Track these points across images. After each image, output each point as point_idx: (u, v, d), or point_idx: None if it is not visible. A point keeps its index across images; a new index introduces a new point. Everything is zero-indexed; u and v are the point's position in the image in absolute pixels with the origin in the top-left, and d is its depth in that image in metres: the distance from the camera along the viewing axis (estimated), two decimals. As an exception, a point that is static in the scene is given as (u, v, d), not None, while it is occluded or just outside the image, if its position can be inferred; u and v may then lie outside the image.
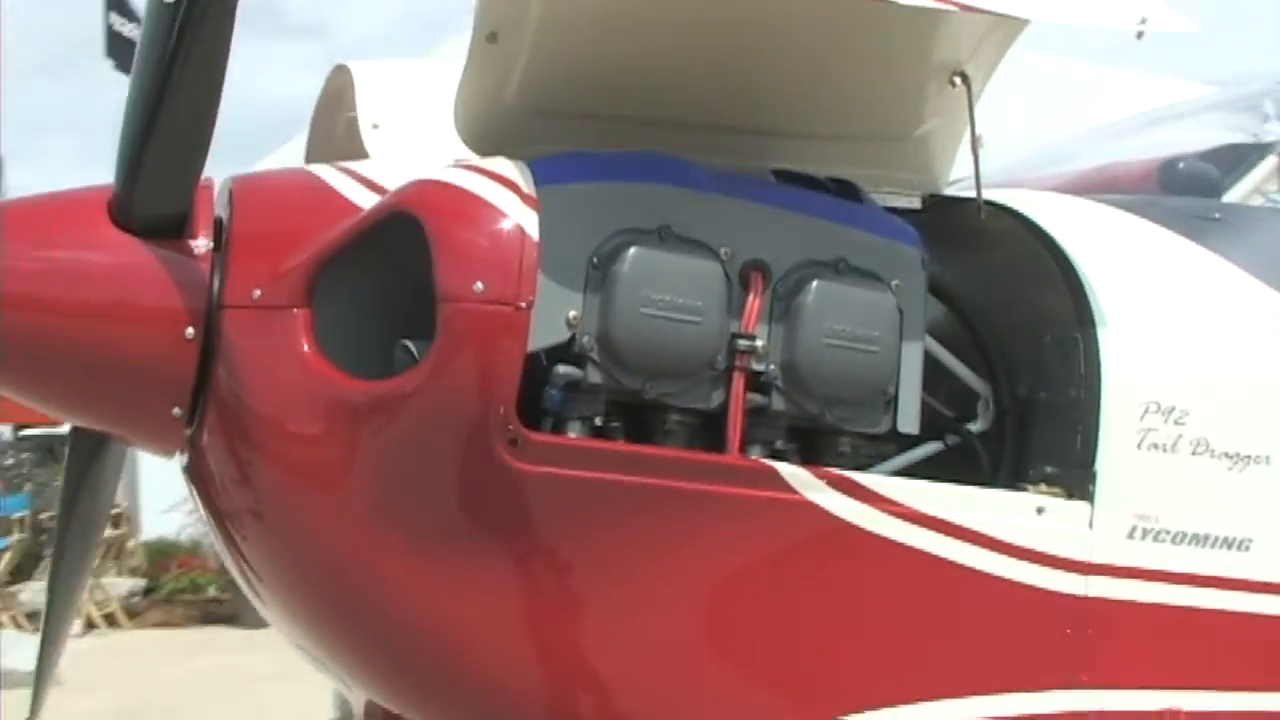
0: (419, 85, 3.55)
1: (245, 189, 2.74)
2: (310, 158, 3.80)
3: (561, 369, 2.52)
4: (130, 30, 13.27)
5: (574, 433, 2.55)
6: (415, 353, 2.51)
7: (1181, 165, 3.90)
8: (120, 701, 9.76)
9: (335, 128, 3.69)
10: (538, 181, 2.56)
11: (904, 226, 2.82)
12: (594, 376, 2.53)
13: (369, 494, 2.56)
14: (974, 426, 2.99)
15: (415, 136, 3.33)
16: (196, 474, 2.74)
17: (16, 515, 13.38)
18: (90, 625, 13.08)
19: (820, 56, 2.95)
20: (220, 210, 2.70)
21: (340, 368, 2.57)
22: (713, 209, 2.64)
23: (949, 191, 3.32)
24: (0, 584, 13.06)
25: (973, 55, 3.00)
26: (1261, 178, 4.49)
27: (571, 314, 2.51)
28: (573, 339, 2.52)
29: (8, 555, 13.09)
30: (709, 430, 2.62)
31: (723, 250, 2.60)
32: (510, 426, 2.45)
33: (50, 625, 3.29)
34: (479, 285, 2.43)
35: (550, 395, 2.53)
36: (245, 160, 4.17)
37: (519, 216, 2.49)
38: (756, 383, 2.62)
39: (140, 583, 14.06)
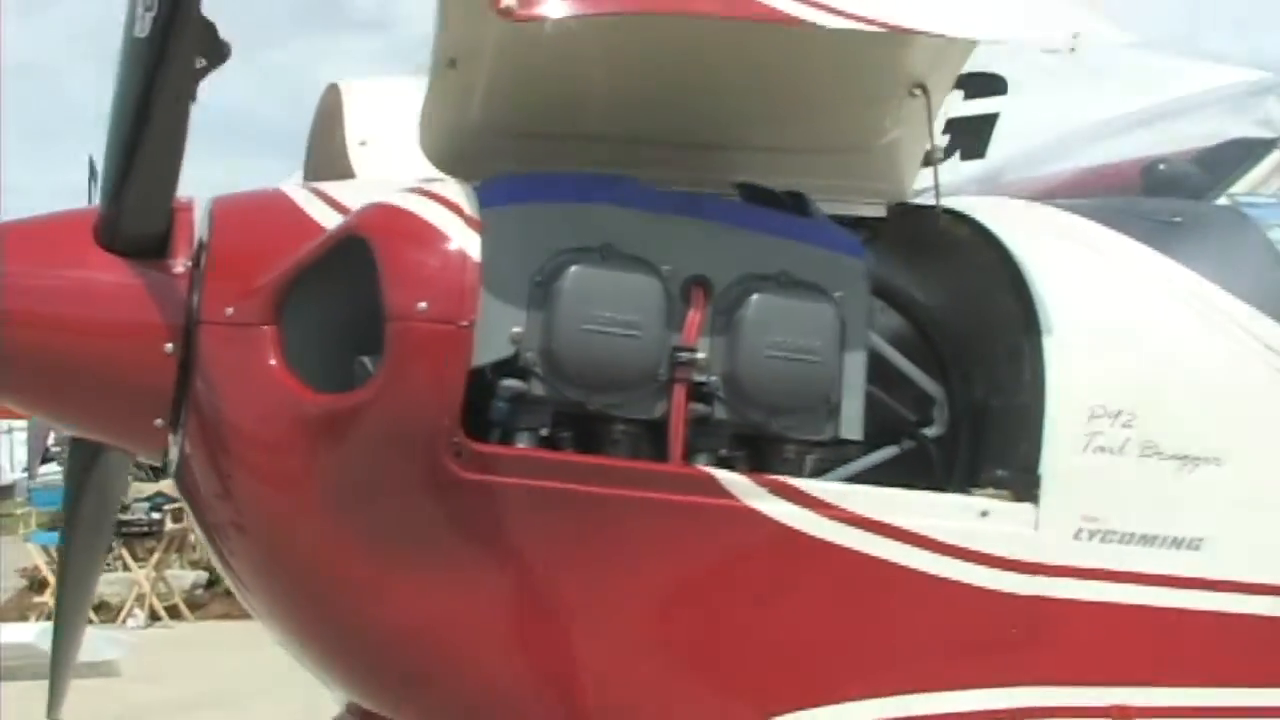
0: (406, 103, 3.68)
1: (223, 210, 2.89)
2: (309, 175, 3.96)
3: (507, 383, 2.64)
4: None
5: (522, 444, 2.67)
6: (370, 368, 2.65)
7: (1163, 166, 3.94)
8: (180, 693, 10.02)
9: (331, 145, 3.83)
10: (483, 204, 2.68)
11: (849, 239, 2.91)
12: (538, 390, 2.64)
13: (331, 502, 2.70)
14: (930, 431, 3.07)
15: (401, 154, 3.46)
16: (182, 482, 2.90)
17: (83, 510, 13.71)
18: (154, 617, 13.45)
19: (781, 71, 3.04)
20: (201, 230, 2.85)
21: (304, 382, 2.71)
22: (654, 227, 2.74)
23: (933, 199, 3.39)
24: (70, 576, 13.42)
25: (931, 67, 3.08)
26: (1265, 174, 4.51)
27: (515, 330, 2.63)
28: (517, 354, 2.64)
29: (74, 549, 13.43)
30: (655, 440, 2.72)
31: (664, 267, 2.71)
32: (455, 438, 2.58)
33: (61, 632, 3.47)
34: (423, 305, 2.56)
35: (497, 408, 2.65)
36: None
37: (462, 239, 2.62)
38: (699, 393, 2.72)
39: (203, 575, 14.40)
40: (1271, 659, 2.95)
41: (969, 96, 5.29)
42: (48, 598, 13.45)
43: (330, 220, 2.82)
